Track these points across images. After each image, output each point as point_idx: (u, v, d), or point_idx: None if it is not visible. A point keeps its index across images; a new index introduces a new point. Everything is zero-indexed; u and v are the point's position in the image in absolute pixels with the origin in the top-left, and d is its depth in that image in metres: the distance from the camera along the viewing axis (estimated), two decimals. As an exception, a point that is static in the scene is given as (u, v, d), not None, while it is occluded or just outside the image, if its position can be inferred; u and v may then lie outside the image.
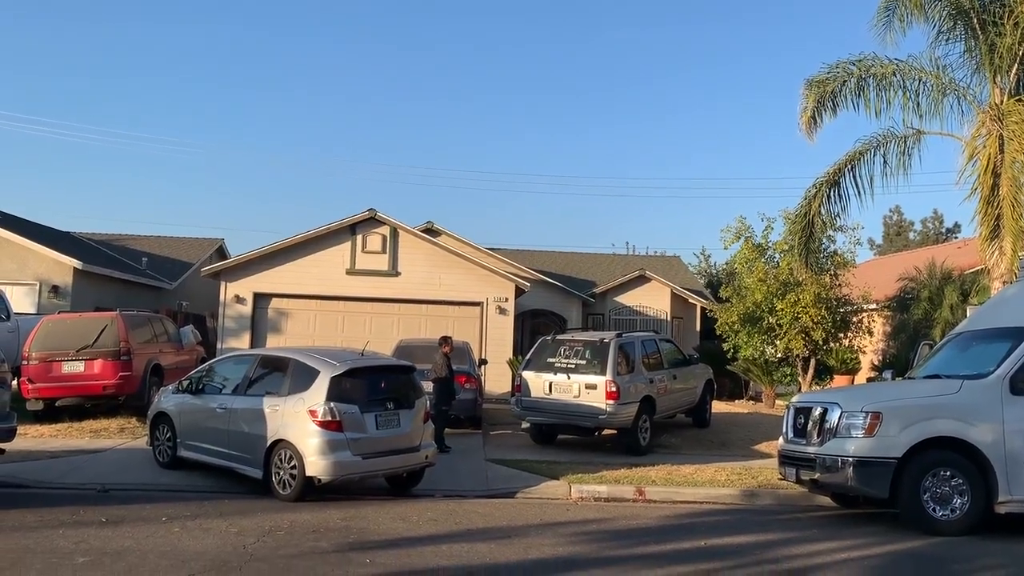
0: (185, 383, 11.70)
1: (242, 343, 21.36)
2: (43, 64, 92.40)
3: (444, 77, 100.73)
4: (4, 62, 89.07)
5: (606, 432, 14.68)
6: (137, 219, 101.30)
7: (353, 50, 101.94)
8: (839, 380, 21.82)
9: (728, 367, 23.19)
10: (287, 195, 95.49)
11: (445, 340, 14.83)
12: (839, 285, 21.98)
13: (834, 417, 9.54)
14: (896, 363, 20.03)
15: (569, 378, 14.16)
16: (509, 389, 18.39)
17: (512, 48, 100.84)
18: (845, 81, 15.35)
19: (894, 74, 15.08)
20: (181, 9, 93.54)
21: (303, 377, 10.15)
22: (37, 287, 22.56)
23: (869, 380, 21.51)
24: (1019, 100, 14.06)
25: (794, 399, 11.05)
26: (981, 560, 8.11)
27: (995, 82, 14.59)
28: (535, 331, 26.38)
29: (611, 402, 13.67)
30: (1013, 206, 13.58)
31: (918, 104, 14.99)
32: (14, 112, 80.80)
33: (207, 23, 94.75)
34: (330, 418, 9.68)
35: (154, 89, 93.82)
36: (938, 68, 14.97)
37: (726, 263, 39.29)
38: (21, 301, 21.29)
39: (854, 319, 22.43)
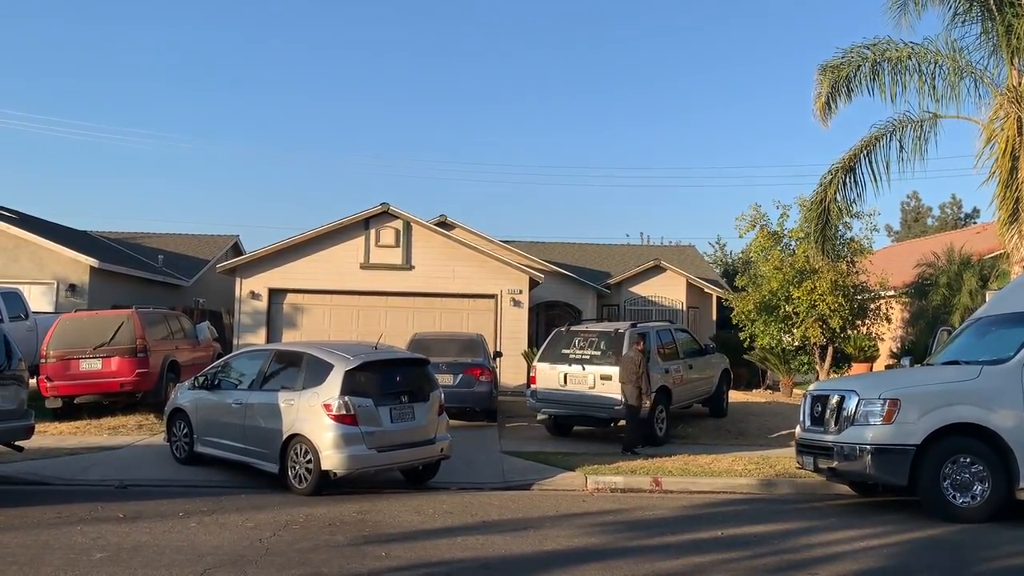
0: (201, 379, 11.74)
1: (258, 339, 21.45)
2: (59, 64, 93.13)
3: (455, 71, 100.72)
4: (20, 62, 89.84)
5: (622, 423, 14.64)
6: (153, 217, 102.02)
7: (367, 45, 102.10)
8: (857, 368, 21.64)
9: (745, 356, 23.07)
10: (301, 191, 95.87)
11: (641, 337, 13.89)
12: (856, 272, 21.82)
13: (852, 404, 9.46)
14: (915, 350, 19.83)
15: (584, 369, 14.12)
16: (524, 381, 18.38)
17: (521, 42, 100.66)
18: (860, 65, 15.16)
19: (909, 57, 14.87)
20: (196, 9, 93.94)
21: (317, 371, 10.16)
22: (55, 286, 22.70)
23: (888, 367, 21.34)
24: (1037, 81, 13.85)
25: (811, 387, 10.97)
26: (1003, 547, 8.02)
27: (1013, 64, 14.36)
28: (550, 323, 26.33)
29: (627, 393, 13.60)
30: (1032, 189, 13.40)
31: (934, 88, 14.77)
32: (31, 113, 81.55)
33: (221, 22, 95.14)
34: (344, 412, 9.69)
35: (168, 88, 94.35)
36: (954, 51, 14.74)
37: (742, 252, 39.16)
38: (39, 300, 21.45)
39: (872, 306, 22.27)
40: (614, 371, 13.76)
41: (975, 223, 43.70)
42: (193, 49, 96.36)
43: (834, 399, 9.79)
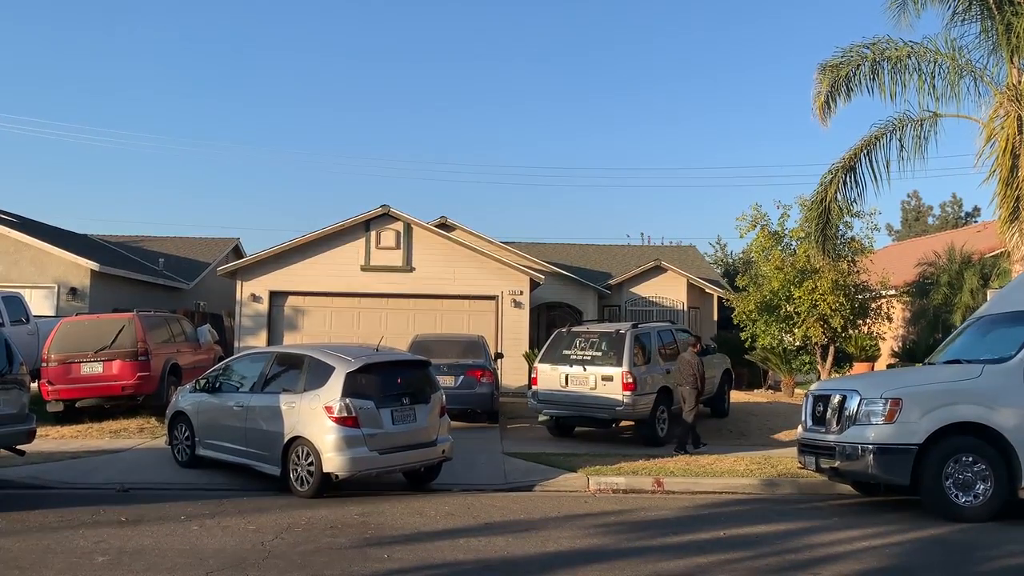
0: (202, 382, 11.73)
1: (259, 341, 21.44)
2: (58, 68, 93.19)
3: (455, 73, 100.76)
4: (19, 66, 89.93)
5: (624, 424, 14.64)
6: (154, 220, 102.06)
7: (367, 48, 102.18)
8: (859, 367, 21.65)
9: (746, 356, 23.08)
10: (301, 194, 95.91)
11: (698, 339, 14.89)
12: (857, 271, 21.82)
13: (853, 404, 9.46)
14: (916, 349, 19.83)
15: (585, 370, 14.11)
16: (526, 382, 18.38)
17: (522, 44, 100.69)
18: (859, 65, 15.13)
19: (909, 56, 14.85)
20: (197, 12, 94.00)
21: (319, 374, 10.16)
22: (56, 289, 22.72)
23: (889, 367, 21.33)
24: (1037, 80, 13.84)
25: (813, 387, 10.96)
26: (1006, 546, 8.01)
27: (1012, 62, 14.34)
28: (551, 324, 26.31)
29: (628, 393, 13.63)
30: (1032, 187, 13.37)
31: (934, 86, 14.73)
32: (32, 117, 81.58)
33: (223, 25, 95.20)
34: (346, 414, 9.69)
35: (168, 91, 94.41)
36: (954, 50, 14.71)
37: (742, 251, 39.15)
38: (40, 304, 21.46)
39: (873, 305, 22.27)
40: (615, 372, 13.76)
41: (976, 222, 43.70)
42: (193, 52, 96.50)
43: (836, 399, 9.79)
